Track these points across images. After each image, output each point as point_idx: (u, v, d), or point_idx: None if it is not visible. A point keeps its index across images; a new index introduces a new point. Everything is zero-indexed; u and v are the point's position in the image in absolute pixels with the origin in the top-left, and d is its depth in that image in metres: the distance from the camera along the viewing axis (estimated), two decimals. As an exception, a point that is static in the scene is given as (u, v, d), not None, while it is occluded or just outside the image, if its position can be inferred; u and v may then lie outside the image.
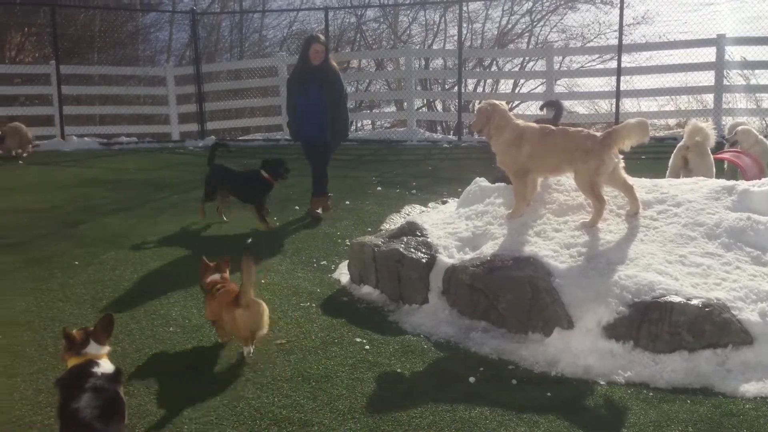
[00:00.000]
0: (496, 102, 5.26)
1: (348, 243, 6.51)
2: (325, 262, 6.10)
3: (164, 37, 23.81)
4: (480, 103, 5.40)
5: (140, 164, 11.65)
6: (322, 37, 7.60)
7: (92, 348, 2.95)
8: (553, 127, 5.13)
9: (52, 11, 14.81)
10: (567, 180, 5.43)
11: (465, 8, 17.63)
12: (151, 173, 10.74)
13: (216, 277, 4.30)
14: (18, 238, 6.71)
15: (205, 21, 21.20)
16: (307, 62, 7.29)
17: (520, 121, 5.19)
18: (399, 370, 3.99)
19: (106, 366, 2.91)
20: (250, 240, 6.56)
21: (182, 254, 6.25)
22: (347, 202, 8.29)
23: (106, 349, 3.00)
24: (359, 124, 21.94)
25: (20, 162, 11.35)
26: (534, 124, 5.23)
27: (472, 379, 3.89)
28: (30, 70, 17.37)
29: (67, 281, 5.49)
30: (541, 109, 6.74)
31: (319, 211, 7.47)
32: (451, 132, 18.05)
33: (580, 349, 4.12)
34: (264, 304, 4.04)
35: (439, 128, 20.77)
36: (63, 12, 18.16)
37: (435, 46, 22.69)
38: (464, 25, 16.43)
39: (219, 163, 7.44)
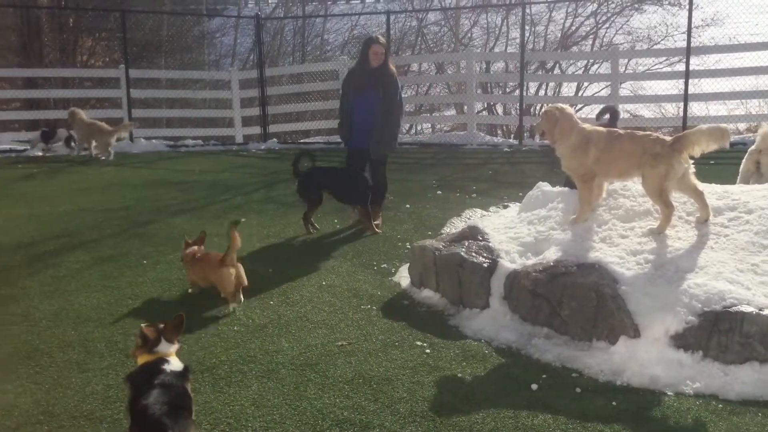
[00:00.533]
0: (563, 106, 5.19)
1: (408, 246, 6.52)
2: (385, 265, 6.13)
3: (229, 41, 24.32)
4: (546, 106, 5.33)
5: (205, 166, 11.91)
6: (383, 39, 7.32)
7: (163, 346, 3.02)
8: (620, 131, 5.03)
9: (122, 17, 15.30)
10: (633, 185, 5.32)
11: (528, 10, 17.44)
12: (215, 175, 10.97)
13: (194, 248, 5.27)
14: (90, 236, 6.94)
15: (268, 25, 21.55)
16: (365, 64, 7.13)
17: (586, 125, 5.11)
18: (460, 375, 3.98)
19: (175, 363, 2.98)
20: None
21: (246, 255, 6.36)
22: (407, 206, 8.30)
23: (176, 347, 3.08)
24: (419, 128, 21.94)
25: (92, 164, 11.73)
26: (601, 128, 5.14)
27: (534, 386, 3.85)
28: (100, 74, 17.98)
29: (136, 279, 5.65)
30: (597, 118, 6.60)
31: (378, 221, 7.26)
32: (512, 136, 17.88)
33: (647, 358, 4.03)
34: (241, 266, 5.06)
35: (499, 132, 20.60)
36: (132, 17, 18.75)
37: (496, 49, 22.52)
38: (527, 27, 16.21)
39: (314, 166, 7.30)
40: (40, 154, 12.85)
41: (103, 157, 12.21)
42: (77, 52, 20.95)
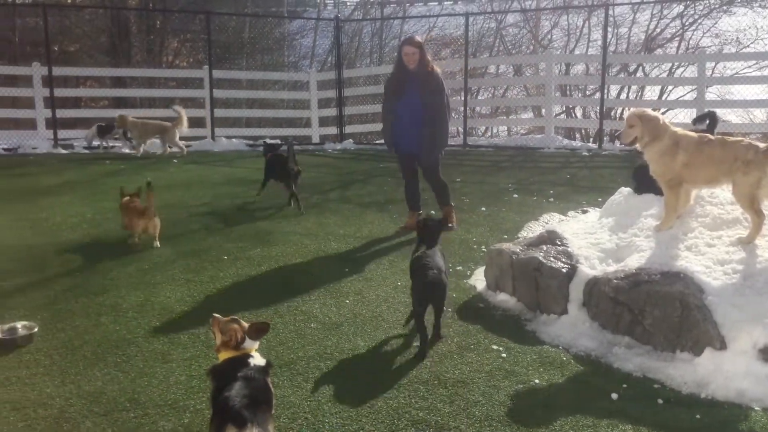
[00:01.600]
0: (650, 110, 5.05)
1: (484, 249, 6.48)
2: (460, 268, 6.10)
3: (308, 43, 24.67)
4: (629, 110, 5.18)
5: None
6: (418, 39, 6.99)
7: (248, 343, 3.10)
8: (711, 136, 4.86)
9: (207, 19, 15.71)
10: (721, 192, 5.12)
11: (611, 12, 17.01)
12: (293, 174, 11.15)
13: (127, 199, 6.62)
14: (174, 231, 7.16)
15: (347, 27, 21.77)
16: (401, 66, 6.94)
17: (677, 129, 4.94)
18: (537, 381, 3.92)
19: (258, 358, 3.04)
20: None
21: (323, 253, 6.45)
22: (483, 209, 8.24)
23: (257, 343, 3.15)
24: (494, 131, 21.75)
25: (175, 161, 12.11)
26: (691, 133, 4.97)
27: (614, 396, 3.76)
28: (185, 74, 18.52)
29: (217, 274, 5.81)
30: (694, 123, 6.35)
31: (452, 225, 7.20)
32: (591, 139, 17.50)
33: (733, 371, 3.88)
34: (156, 216, 6.51)
35: (578, 135, 20.20)
36: (217, 19, 19.27)
37: (576, 51, 22.08)
38: (609, 29, 15.83)
39: None
40: (96, 145, 13.38)
41: (179, 151, 12.65)
42: (163, 53, 21.68)
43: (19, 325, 4.54)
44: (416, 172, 7.26)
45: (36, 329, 4.50)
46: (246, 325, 3.13)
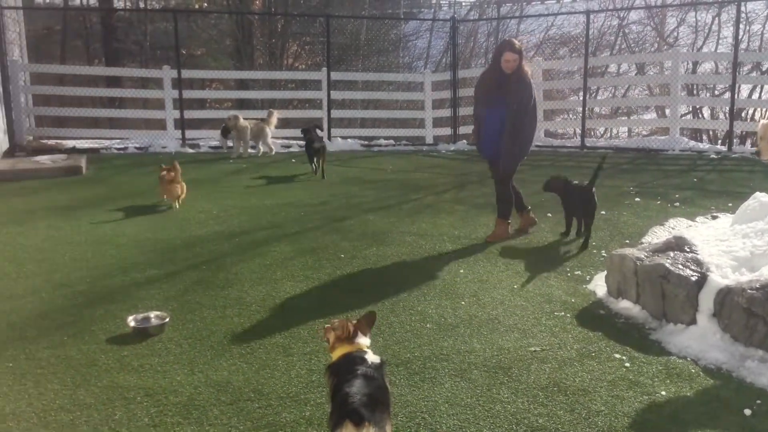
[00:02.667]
0: None
1: (604, 254, 6.27)
2: (579, 273, 5.93)
3: (422, 44, 24.78)
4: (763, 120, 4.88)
5: (397, 165, 12.23)
6: (518, 44, 6.69)
7: (361, 339, 3.14)
8: None
9: (326, 22, 16.08)
10: None
11: (743, 8, 16.03)
12: (407, 174, 11.24)
13: (164, 173, 8.34)
14: (292, 229, 7.38)
15: (461, 28, 21.68)
16: (497, 70, 6.67)
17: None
18: (664, 393, 3.75)
19: (372, 356, 3.08)
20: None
21: (438, 253, 6.45)
22: (603, 212, 7.97)
23: (368, 340, 3.18)
24: (614, 132, 21.03)
25: (293, 160, 12.47)
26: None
27: (747, 412, 3.54)
28: (304, 76, 19.03)
29: (334, 272, 5.92)
30: None
31: (490, 240, 6.91)
32: (719, 141, 16.59)
33: None
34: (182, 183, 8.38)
35: (704, 137, 19.19)
36: (335, 22, 19.70)
37: (705, 49, 20.99)
38: (741, 25, 14.94)
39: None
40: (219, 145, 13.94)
41: (267, 151, 13.17)
42: (284, 56, 22.38)
43: (152, 315, 4.81)
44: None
45: (167, 319, 4.74)
46: (355, 321, 3.18)
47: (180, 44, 16.50)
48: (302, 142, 13.09)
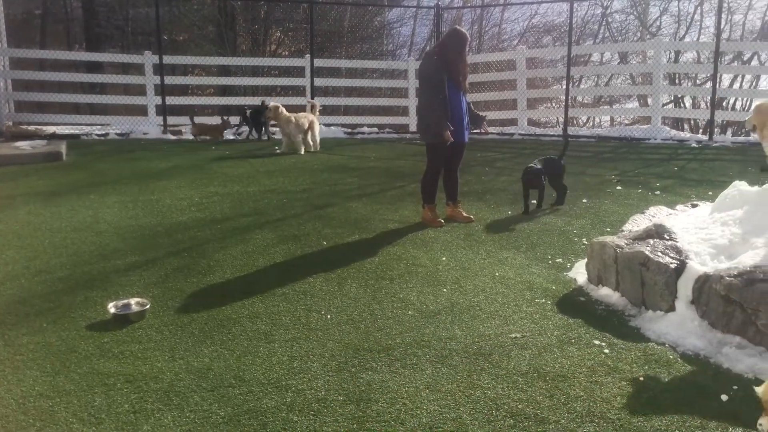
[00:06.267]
0: None
1: (585, 242, 6.32)
2: (560, 260, 5.97)
3: (406, 31, 24.72)
4: (757, 101, 4.97)
5: (380, 153, 12.22)
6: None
7: None
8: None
9: (310, 8, 16.00)
10: None
11: (725, -3, 16.13)
12: (390, 162, 11.25)
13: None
14: (274, 216, 7.36)
15: (446, 15, 21.63)
16: (461, 56, 6.88)
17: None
18: (642, 379, 3.79)
19: None
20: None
21: (420, 240, 6.47)
22: (584, 201, 8.04)
23: None
24: (597, 120, 21.13)
25: (276, 148, 12.41)
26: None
27: (724, 397, 3.58)
28: (287, 63, 18.95)
29: (317, 259, 5.92)
30: None
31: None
32: (701, 131, 16.73)
33: None
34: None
35: (686, 127, 19.34)
36: (318, 8, 19.58)
37: (687, 39, 21.12)
38: (723, 15, 15.04)
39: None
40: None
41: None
42: (267, 43, 22.24)
43: (132, 301, 4.78)
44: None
45: (148, 306, 4.72)
46: None
47: (162, 29, 16.34)
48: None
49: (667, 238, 5.04)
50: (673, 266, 4.65)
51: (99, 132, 13.77)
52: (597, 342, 4.28)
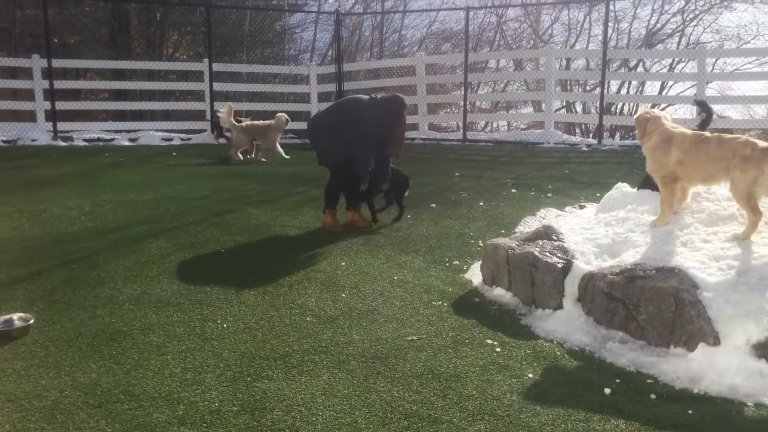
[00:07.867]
0: (655, 111, 5.11)
1: (481, 244, 6.48)
2: (457, 262, 6.11)
3: (308, 36, 24.66)
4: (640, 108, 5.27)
5: (283, 158, 12.12)
6: None
7: None
8: (707, 134, 4.86)
9: (207, 11, 15.72)
10: (718, 188, 5.12)
11: (612, 7, 16.96)
12: (293, 167, 11.19)
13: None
14: (171, 224, 7.18)
15: (347, 21, 21.74)
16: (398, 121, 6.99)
17: (672, 126, 4.95)
18: (531, 375, 3.93)
19: None
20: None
21: (320, 246, 6.46)
22: (481, 203, 8.25)
23: None
24: (494, 125, 21.75)
25: (174, 154, 12.11)
26: (687, 130, 4.97)
27: (607, 391, 3.76)
28: (185, 67, 18.53)
29: (214, 267, 5.82)
30: (697, 107, 6.41)
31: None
32: (591, 135, 17.50)
33: (727, 367, 3.88)
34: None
35: (577, 131, 20.20)
36: (217, 12, 19.25)
37: (577, 46, 22.08)
38: (610, 24, 15.84)
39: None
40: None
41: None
42: (163, 46, 21.66)
43: (15, 316, 4.55)
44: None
45: (32, 321, 4.50)
46: None
47: (51, 32, 15.64)
48: (183, 135, 12.84)
49: (555, 238, 5.25)
50: (560, 266, 4.84)
51: (-18, 139, 13.04)
52: (489, 341, 4.40)
